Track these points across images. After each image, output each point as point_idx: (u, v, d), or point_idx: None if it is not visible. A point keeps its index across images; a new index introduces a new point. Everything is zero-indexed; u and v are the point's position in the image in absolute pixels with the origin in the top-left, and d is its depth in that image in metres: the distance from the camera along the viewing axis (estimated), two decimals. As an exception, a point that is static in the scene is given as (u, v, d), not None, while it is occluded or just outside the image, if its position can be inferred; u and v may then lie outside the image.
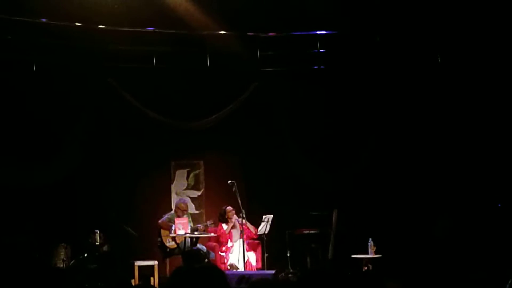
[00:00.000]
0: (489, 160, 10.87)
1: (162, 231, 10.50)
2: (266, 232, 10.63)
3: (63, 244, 10.12)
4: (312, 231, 10.96)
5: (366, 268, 10.09)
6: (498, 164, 10.82)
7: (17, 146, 10.48)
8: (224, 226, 10.79)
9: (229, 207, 10.67)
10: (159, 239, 10.53)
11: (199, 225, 10.57)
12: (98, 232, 10.23)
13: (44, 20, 10.33)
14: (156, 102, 11.28)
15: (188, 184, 11.74)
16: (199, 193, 11.77)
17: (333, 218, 10.99)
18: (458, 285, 9.12)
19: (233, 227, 10.78)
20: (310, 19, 11.07)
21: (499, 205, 10.55)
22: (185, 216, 10.60)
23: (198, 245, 10.47)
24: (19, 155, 10.49)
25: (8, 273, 9.68)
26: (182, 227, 10.10)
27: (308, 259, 10.97)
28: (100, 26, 10.67)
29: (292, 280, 9.04)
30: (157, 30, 10.96)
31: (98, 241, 10.21)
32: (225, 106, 11.46)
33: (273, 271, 9.62)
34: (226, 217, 10.77)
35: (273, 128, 11.64)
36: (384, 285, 4.61)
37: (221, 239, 10.76)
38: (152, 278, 10.36)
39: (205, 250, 10.41)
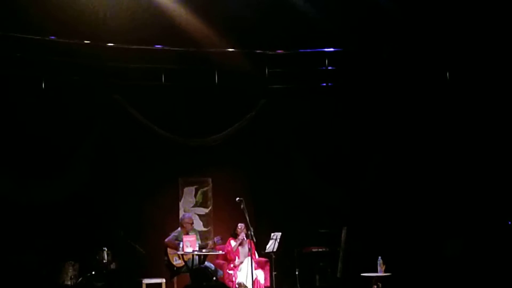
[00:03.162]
0: (498, 178, 10.80)
1: (168, 249, 10.44)
2: (275, 250, 10.56)
3: (71, 261, 10.09)
4: (321, 249, 10.92)
5: (375, 286, 10.00)
6: (507, 183, 10.75)
7: (24, 163, 10.47)
8: (233, 242, 10.74)
9: (241, 224, 10.59)
10: (165, 258, 10.46)
11: (210, 241, 10.48)
12: (106, 249, 10.20)
13: (53, 37, 10.38)
14: (164, 119, 11.30)
15: (196, 201, 11.71)
16: (207, 210, 11.74)
17: (342, 236, 10.93)
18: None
19: (241, 244, 10.72)
20: (318, 36, 11.11)
21: (510, 222, 10.47)
22: (192, 233, 10.55)
23: (206, 263, 10.40)
24: (26, 172, 10.48)
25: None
26: (190, 245, 10.03)
27: (317, 278, 10.91)
28: (109, 44, 10.72)
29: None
30: (165, 48, 11.00)
31: (106, 258, 10.17)
32: (233, 123, 11.48)
33: (281, 290, 9.57)
34: (236, 232, 10.74)
35: (281, 145, 11.62)
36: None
37: (228, 256, 10.71)
38: (159, 296, 10.32)
39: (213, 268, 10.34)
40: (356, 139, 11.64)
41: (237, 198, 9.99)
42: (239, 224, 10.64)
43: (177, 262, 10.36)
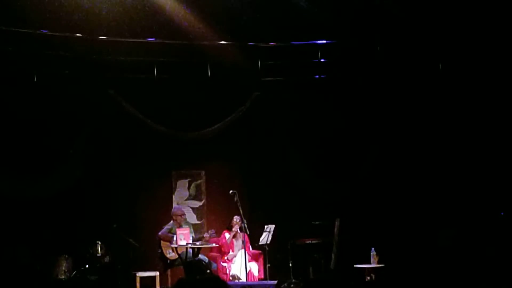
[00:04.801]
0: (491, 169, 10.83)
1: (162, 242, 10.45)
2: (268, 242, 10.58)
3: (64, 255, 10.09)
4: (314, 241, 10.93)
5: (369, 278, 10.04)
6: (500, 173, 10.78)
7: (18, 158, 10.45)
8: (227, 235, 10.76)
9: (237, 216, 10.58)
10: (159, 251, 10.48)
11: (206, 234, 10.46)
12: (100, 243, 10.21)
13: (44, 31, 10.34)
14: (157, 112, 11.27)
15: (189, 195, 11.71)
16: (200, 203, 11.74)
17: (335, 228, 10.95)
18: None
19: (234, 236, 10.74)
20: (311, 28, 11.08)
21: (502, 213, 10.50)
22: (185, 225, 10.55)
23: (200, 255, 10.42)
24: (20, 167, 10.46)
25: (9, 285, 9.64)
26: (183, 238, 10.05)
27: (311, 269, 10.92)
28: (101, 37, 10.68)
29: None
30: (158, 41, 10.97)
31: (99, 252, 10.18)
32: (226, 116, 11.46)
33: (275, 282, 9.59)
34: (231, 225, 10.76)
35: (274, 137, 11.62)
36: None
37: (222, 248, 10.73)
38: (153, 290, 10.33)
39: (207, 261, 10.36)
40: (349, 131, 11.63)
41: (231, 191, 10.02)
42: (235, 217, 10.64)
43: (171, 255, 10.38)
